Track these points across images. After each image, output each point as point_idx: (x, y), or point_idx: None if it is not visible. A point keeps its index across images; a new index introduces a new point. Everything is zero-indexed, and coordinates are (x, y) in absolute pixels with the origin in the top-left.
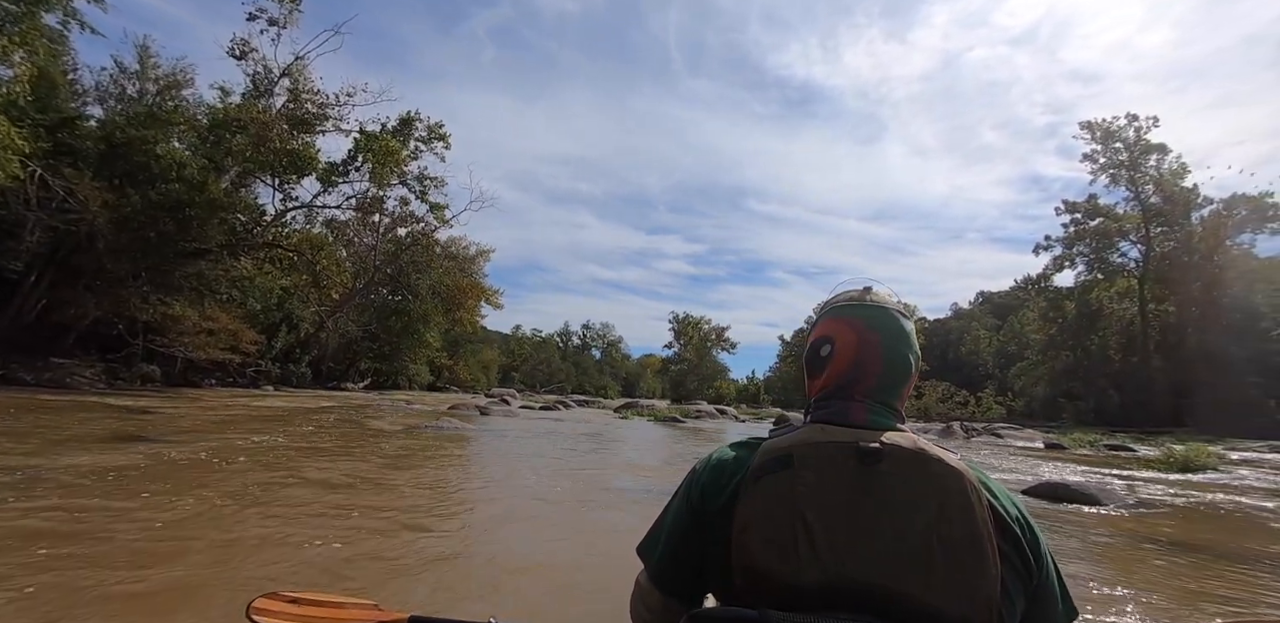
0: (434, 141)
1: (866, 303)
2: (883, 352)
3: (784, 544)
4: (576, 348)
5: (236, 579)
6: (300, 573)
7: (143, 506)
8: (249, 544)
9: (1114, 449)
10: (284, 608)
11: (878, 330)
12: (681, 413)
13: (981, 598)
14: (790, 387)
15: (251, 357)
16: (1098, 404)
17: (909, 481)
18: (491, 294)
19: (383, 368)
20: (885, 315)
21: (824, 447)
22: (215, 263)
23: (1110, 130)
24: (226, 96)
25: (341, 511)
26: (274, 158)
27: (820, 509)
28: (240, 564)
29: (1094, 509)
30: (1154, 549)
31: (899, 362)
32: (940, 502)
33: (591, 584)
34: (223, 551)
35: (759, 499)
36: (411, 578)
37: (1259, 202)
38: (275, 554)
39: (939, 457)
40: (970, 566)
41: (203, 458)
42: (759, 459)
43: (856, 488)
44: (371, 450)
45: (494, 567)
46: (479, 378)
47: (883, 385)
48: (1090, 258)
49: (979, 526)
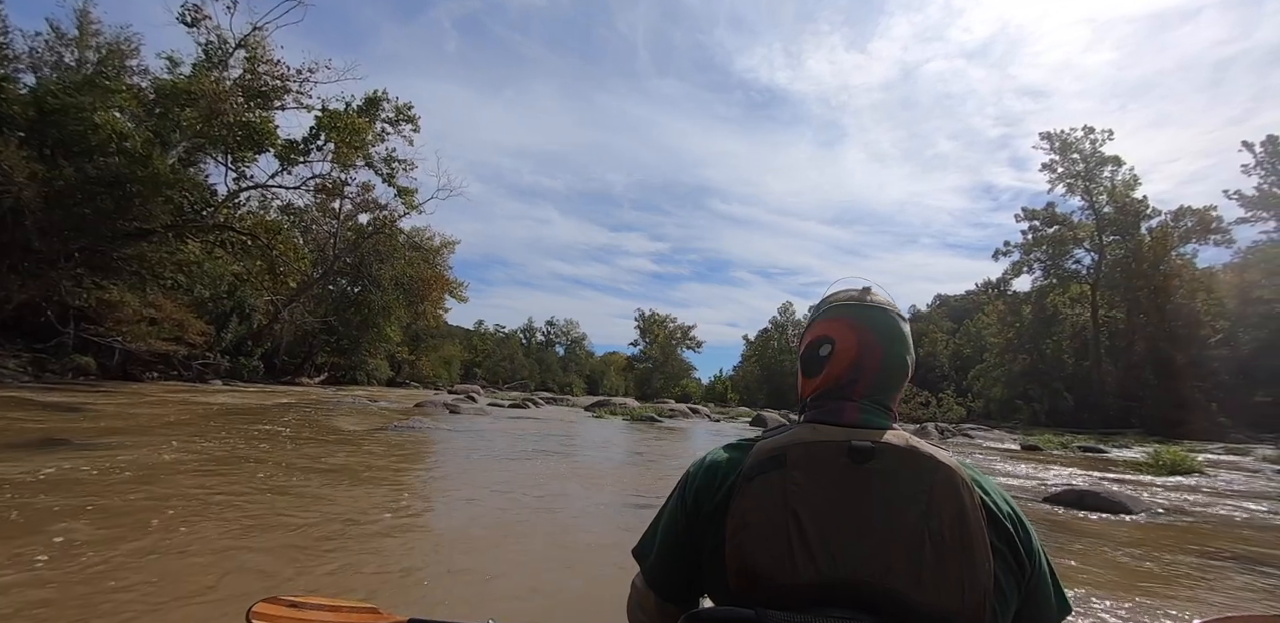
0: (402, 124)
1: (867, 304)
2: (882, 353)
3: (777, 544)
4: (540, 344)
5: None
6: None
7: (50, 551)
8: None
9: (1087, 450)
10: (285, 613)
11: (878, 332)
12: (658, 412)
13: (974, 594)
14: (754, 386)
15: (198, 348)
16: (1052, 405)
17: (900, 478)
18: (456, 287)
19: (341, 362)
20: (885, 316)
21: (816, 446)
22: (159, 245)
23: (1068, 142)
24: (175, 67)
25: (322, 554)
26: (227, 132)
27: (812, 508)
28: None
29: (1126, 517)
30: (1227, 565)
31: (897, 363)
32: (931, 499)
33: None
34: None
35: (752, 499)
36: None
37: (1204, 215)
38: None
39: (930, 454)
40: (962, 562)
41: (136, 470)
42: (751, 460)
43: (848, 486)
44: (340, 457)
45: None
46: (441, 373)
47: (880, 386)
48: (1047, 264)
49: (971, 522)
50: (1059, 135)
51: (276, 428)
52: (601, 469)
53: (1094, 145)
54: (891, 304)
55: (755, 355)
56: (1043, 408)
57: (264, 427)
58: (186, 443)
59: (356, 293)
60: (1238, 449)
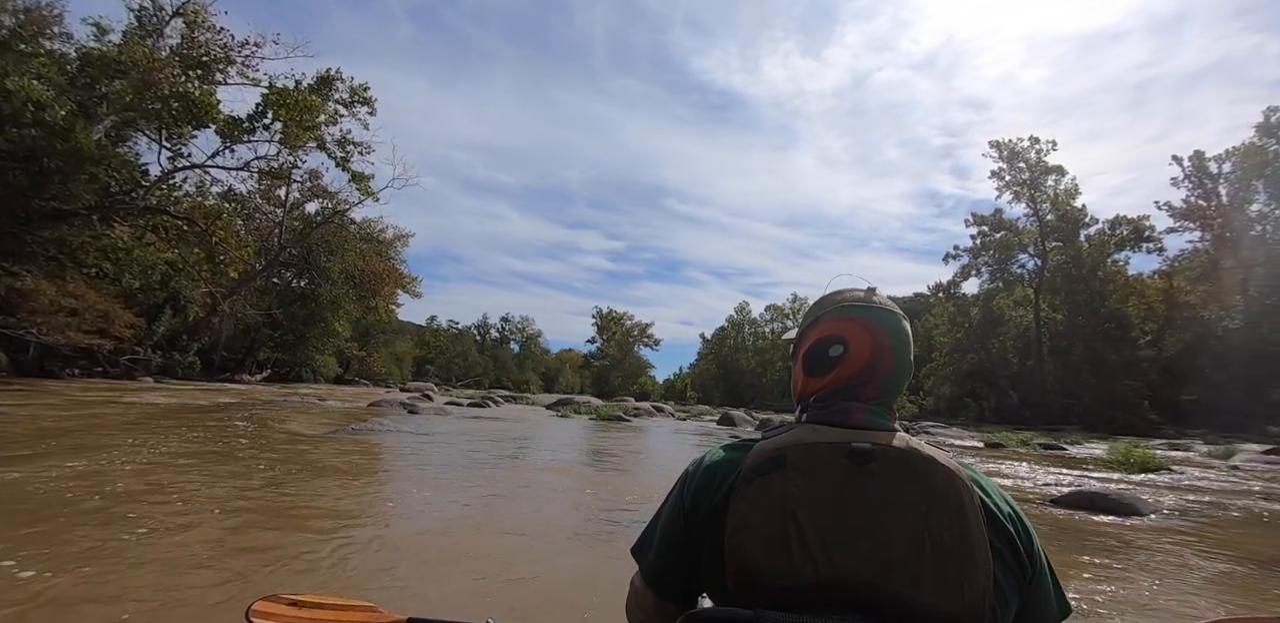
0: (357, 106)
1: (876, 305)
2: (894, 356)
3: (776, 545)
4: (495, 341)
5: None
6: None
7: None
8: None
9: (1048, 449)
10: (284, 611)
11: (890, 334)
12: (625, 411)
13: (973, 595)
14: (711, 384)
15: (126, 343)
16: (998, 403)
17: (900, 480)
18: (409, 281)
19: (285, 359)
20: (895, 319)
21: (816, 448)
22: (81, 228)
23: (1015, 150)
24: (104, 35)
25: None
26: (161, 105)
27: (812, 509)
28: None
29: (1140, 520)
30: (1250, 569)
31: (906, 366)
32: (931, 500)
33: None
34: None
35: (751, 500)
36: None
37: (1138, 224)
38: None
39: (930, 456)
40: (962, 563)
41: (42, 488)
42: (751, 461)
43: (848, 488)
44: (294, 467)
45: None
46: (392, 371)
47: (888, 388)
48: (994, 268)
49: (970, 523)
50: (1007, 144)
51: (218, 433)
52: (598, 478)
53: (1039, 155)
54: (895, 305)
55: (712, 354)
56: (989, 406)
57: (199, 435)
58: (114, 447)
59: (303, 286)
60: (1179, 445)
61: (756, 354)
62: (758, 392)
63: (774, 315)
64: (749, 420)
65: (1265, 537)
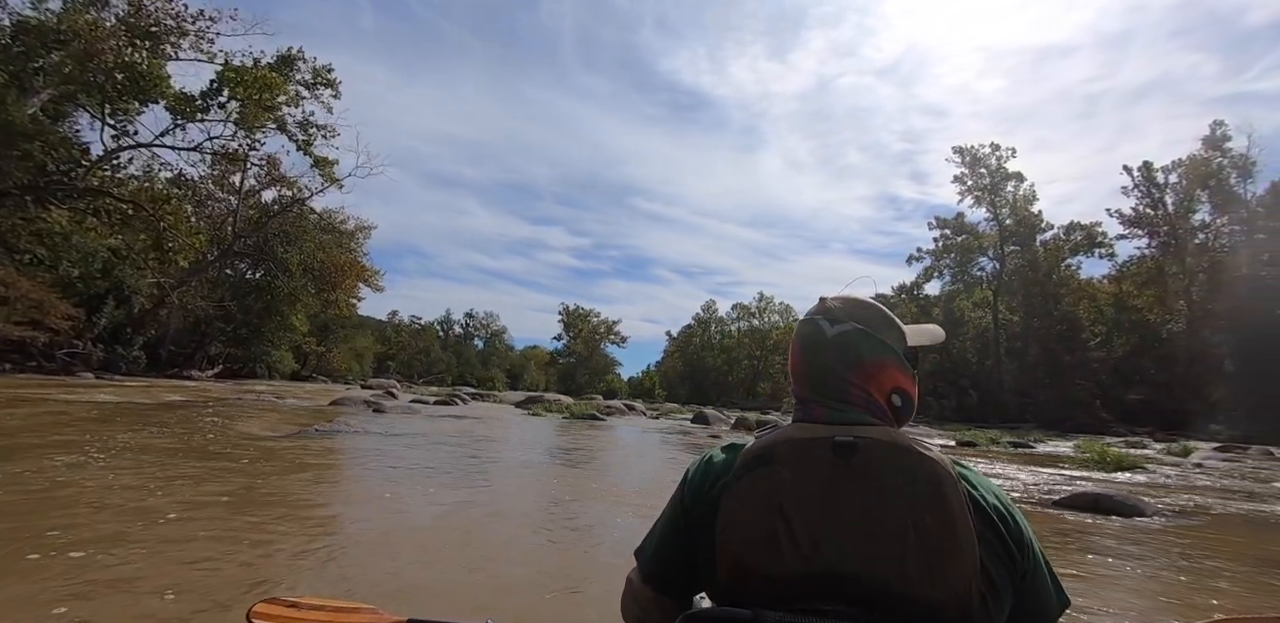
0: (320, 88)
1: (807, 317)
2: (811, 358)
3: (765, 539)
4: (459, 337)
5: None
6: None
7: None
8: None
9: (1018, 447)
10: (284, 613)
11: (801, 338)
12: (599, 410)
13: (959, 585)
14: (677, 382)
15: (64, 336)
16: (958, 402)
17: (884, 472)
18: (372, 275)
19: (238, 354)
20: (809, 327)
21: (801, 443)
22: (13, 210)
23: (977, 156)
24: (42, 2)
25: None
26: (105, 78)
27: (798, 503)
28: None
29: (1144, 520)
30: (1258, 568)
31: (819, 367)
32: (915, 491)
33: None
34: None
35: (741, 496)
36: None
37: (1091, 229)
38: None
39: (914, 448)
40: (947, 551)
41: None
42: (742, 459)
43: (833, 481)
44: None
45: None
46: (352, 367)
47: (827, 389)
48: (955, 270)
49: (955, 515)
50: (970, 150)
51: (168, 436)
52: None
53: (999, 161)
54: (830, 312)
55: (678, 352)
56: (950, 405)
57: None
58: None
59: (259, 277)
60: (1135, 443)
61: (723, 352)
62: (724, 389)
63: (740, 314)
64: (723, 419)
65: (1268, 538)
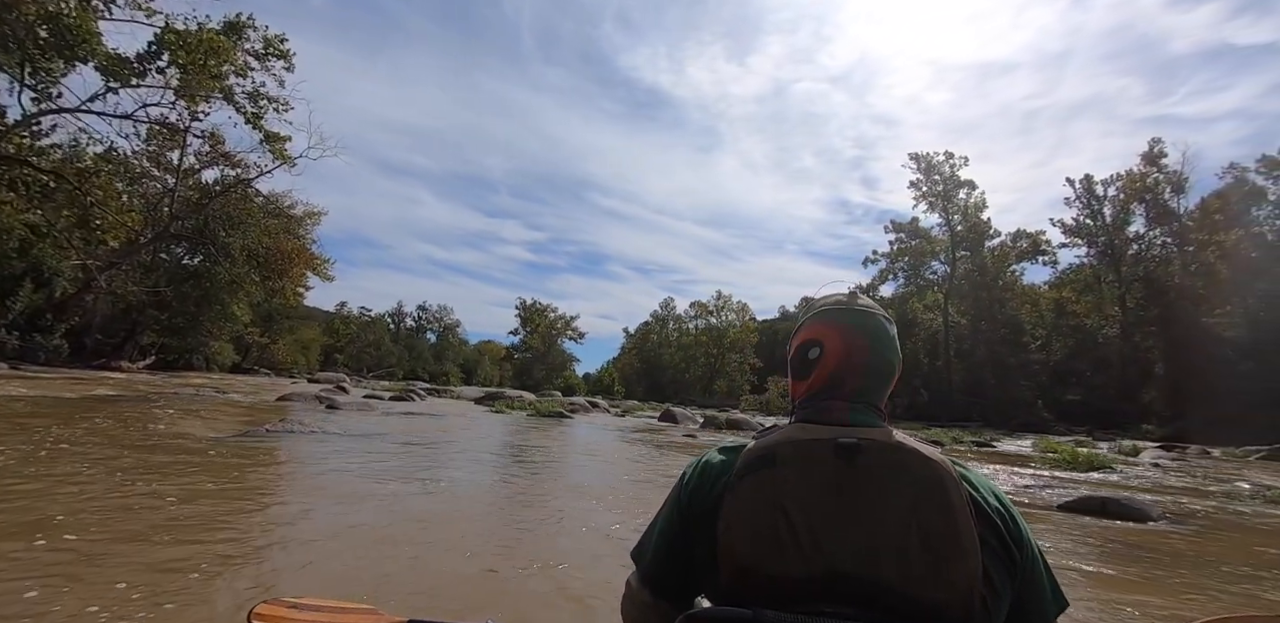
0: (272, 59)
1: (854, 307)
2: (868, 355)
3: (768, 540)
4: (411, 330)
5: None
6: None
7: None
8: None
9: (980, 445)
10: (285, 614)
11: (864, 335)
12: (564, 407)
13: (961, 587)
14: (634, 379)
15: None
16: (910, 401)
17: (887, 474)
18: (321, 263)
19: (173, 344)
20: (871, 319)
21: (804, 444)
22: None
23: (932, 163)
24: None
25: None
26: (25, 33)
27: (801, 504)
28: None
29: (1153, 524)
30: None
31: (883, 365)
32: (918, 492)
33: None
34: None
35: (743, 498)
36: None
37: (1036, 237)
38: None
39: (917, 450)
40: (950, 553)
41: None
42: (743, 460)
43: (836, 483)
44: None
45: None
46: (298, 359)
47: (867, 388)
48: (908, 273)
49: (957, 516)
50: (925, 157)
51: (88, 437)
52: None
53: (953, 169)
54: (877, 307)
55: (635, 349)
56: (903, 404)
57: (66, 440)
58: None
59: (198, 263)
60: (1083, 442)
61: (680, 350)
62: (681, 387)
63: (698, 312)
64: (690, 418)
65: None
